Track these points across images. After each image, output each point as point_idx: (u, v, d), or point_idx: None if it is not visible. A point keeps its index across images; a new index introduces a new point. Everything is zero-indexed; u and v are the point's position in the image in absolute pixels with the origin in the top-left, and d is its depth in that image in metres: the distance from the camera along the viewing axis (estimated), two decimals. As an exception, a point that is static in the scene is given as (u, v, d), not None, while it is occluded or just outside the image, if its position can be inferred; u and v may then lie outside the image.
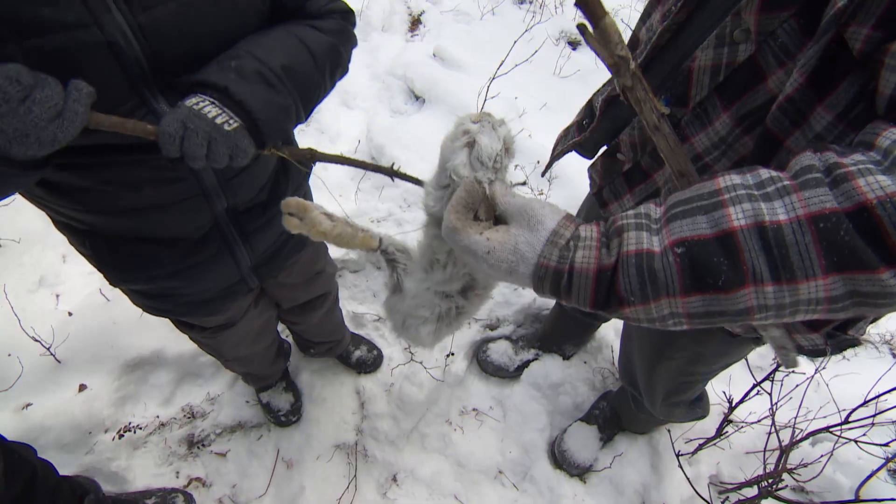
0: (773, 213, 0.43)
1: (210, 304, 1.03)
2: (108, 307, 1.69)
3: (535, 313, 2.00)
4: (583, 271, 0.49)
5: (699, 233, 0.45)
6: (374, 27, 3.36)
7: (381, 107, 2.83)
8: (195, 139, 0.62)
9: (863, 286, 0.42)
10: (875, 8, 0.47)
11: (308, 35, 0.78)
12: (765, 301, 0.44)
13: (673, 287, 0.46)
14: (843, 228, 0.41)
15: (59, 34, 0.57)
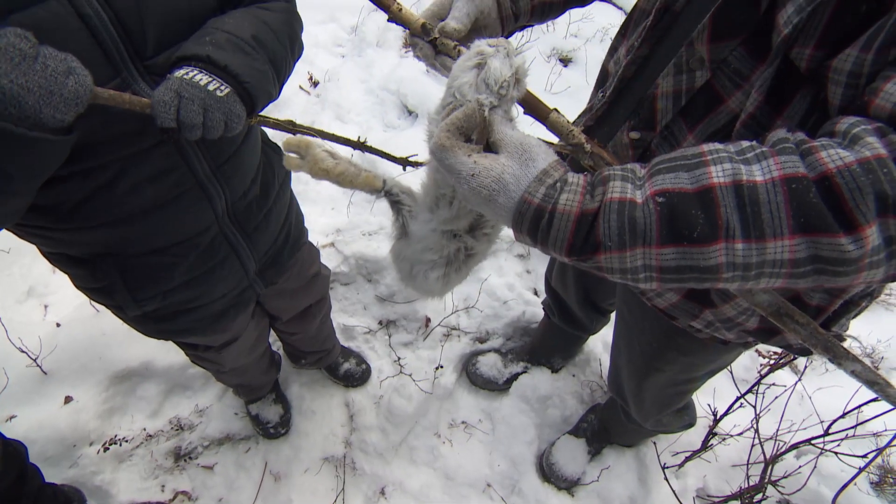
0: (751, 173, 0.46)
1: (223, 317, 1.05)
2: (98, 318, 1.69)
3: (524, 326, 2.02)
4: (565, 213, 0.49)
5: (680, 186, 0.48)
6: (368, 43, 3.41)
7: (375, 121, 2.86)
8: (191, 106, 0.63)
9: (823, 250, 0.44)
10: (814, 31, 0.52)
11: (263, 14, 0.81)
12: (734, 258, 0.46)
13: (650, 236, 0.47)
14: (812, 192, 0.44)
15: (36, 8, 0.58)
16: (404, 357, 1.89)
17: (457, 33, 0.65)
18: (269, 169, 1.02)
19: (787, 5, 0.54)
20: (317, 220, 2.17)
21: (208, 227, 0.90)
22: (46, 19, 0.59)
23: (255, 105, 0.72)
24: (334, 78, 3.04)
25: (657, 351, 1.07)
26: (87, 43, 0.63)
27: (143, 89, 0.70)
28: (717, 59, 0.64)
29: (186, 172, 0.81)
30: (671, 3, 0.70)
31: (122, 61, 0.67)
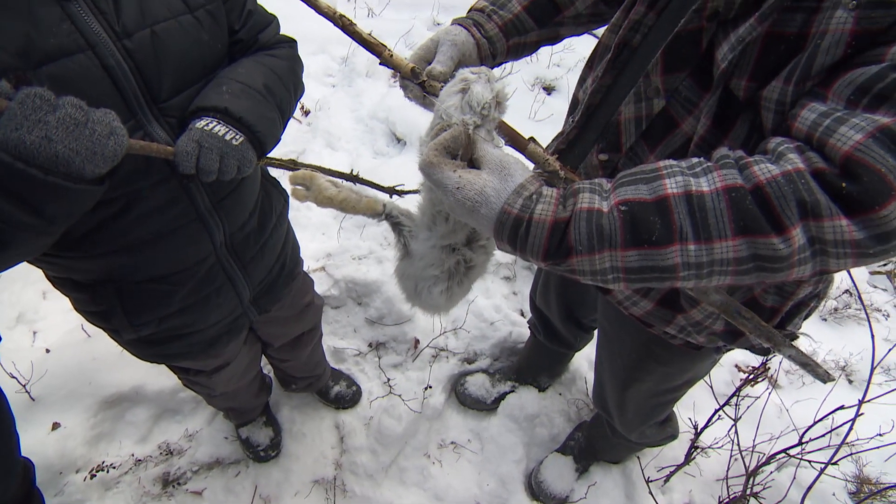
0: (699, 185, 0.54)
1: (216, 343, 1.08)
2: (89, 343, 1.70)
3: (510, 346, 2.06)
4: (540, 221, 0.56)
5: (640, 196, 0.55)
6: (358, 73, 3.52)
7: (365, 148, 2.94)
8: (210, 155, 0.71)
9: (760, 249, 0.51)
10: (746, 66, 0.61)
11: (270, 62, 0.90)
12: (688, 258, 0.53)
13: (615, 240, 0.54)
14: (748, 199, 0.51)
15: (65, 60, 0.65)
16: (394, 378, 1.91)
17: (442, 76, 0.73)
18: (268, 202, 1.07)
19: (723, 44, 0.63)
20: (307, 245, 2.22)
21: (206, 257, 0.94)
22: (75, 70, 0.65)
23: (264, 150, 0.80)
24: (325, 107, 3.13)
25: (636, 362, 1.12)
26: (109, 90, 0.69)
27: (156, 130, 0.76)
28: (670, 89, 0.72)
29: (188, 206, 0.86)
30: (629, 39, 0.78)
31: (139, 105, 0.73)
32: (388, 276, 2.10)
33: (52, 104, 0.56)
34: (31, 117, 0.54)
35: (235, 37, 0.88)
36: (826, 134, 0.51)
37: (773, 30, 0.58)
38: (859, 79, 0.51)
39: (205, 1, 0.80)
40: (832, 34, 0.53)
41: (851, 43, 0.52)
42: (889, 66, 0.49)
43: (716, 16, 0.63)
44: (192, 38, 0.78)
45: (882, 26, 0.50)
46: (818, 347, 2.11)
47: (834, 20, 0.52)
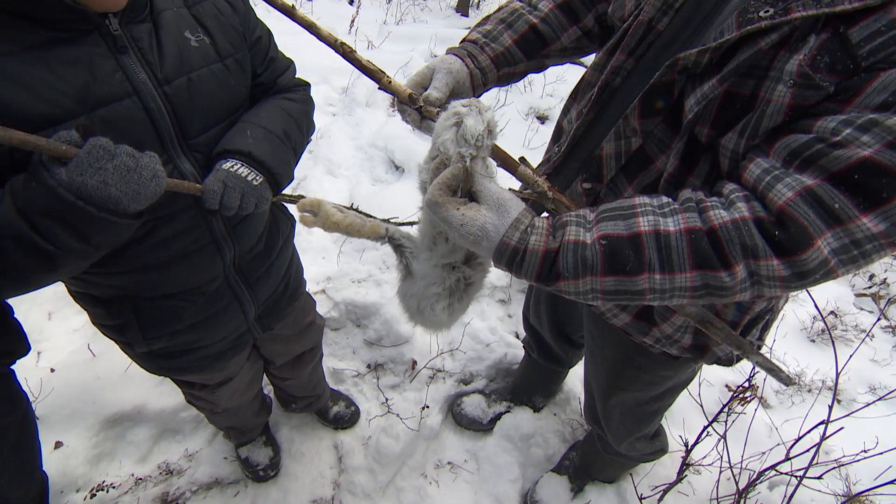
0: (666, 224, 0.64)
1: (221, 357, 1.13)
2: (93, 363, 1.73)
3: (506, 368, 2.10)
4: (534, 251, 0.66)
5: (618, 232, 0.65)
6: (358, 103, 3.65)
7: (364, 175, 3.03)
8: (233, 194, 0.81)
9: (711, 280, 0.63)
10: (708, 117, 0.70)
11: (288, 106, 0.99)
12: (654, 285, 0.64)
13: (596, 269, 0.65)
14: (704, 241, 0.61)
15: (116, 105, 0.73)
16: (392, 399, 1.94)
17: (438, 101, 0.80)
18: (275, 227, 1.14)
19: (690, 97, 0.71)
20: (308, 269, 2.27)
21: (216, 277, 1.00)
22: (121, 113, 0.74)
23: (279, 189, 0.90)
24: (326, 135, 3.23)
25: (619, 369, 1.18)
26: (148, 129, 0.78)
27: (184, 163, 0.84)
28: (646, 130, 0.81)
29: (205, 231, 0.93)
30: (611, 81, 0.87)
31: (171, 142, 0.81)
32: (387, 299, 2.15)
33: (111, 153, 0.64)
34: (94, 165, 0.63)
35: (257, 80, 0.97)
36: (767, 188, 0.61)
37: (731, 90, 0.67)
38: (793, 144, 0.61)
39: (234, 50, 0.89)
40: (775, 104, 0.62)
41: (789, 112, 0.62)
42: (815, 137, 0.59)
43: (685, 70, 0.72)
44: (221, 84, 0.87)
45: (812, 102, 0.60)
46: (806, 367, 2.16)
47: (776, 92, 0.62)
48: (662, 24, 0.80)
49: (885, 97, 0.55)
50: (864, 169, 0.55)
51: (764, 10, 0.62)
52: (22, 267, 0.68)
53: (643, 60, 0.84)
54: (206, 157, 0.87)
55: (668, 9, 0.78)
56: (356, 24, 4.89)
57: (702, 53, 0.68)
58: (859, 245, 0.58)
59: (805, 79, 0.59)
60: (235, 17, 0.90)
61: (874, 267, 2.87)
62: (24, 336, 0.93)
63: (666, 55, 0.76)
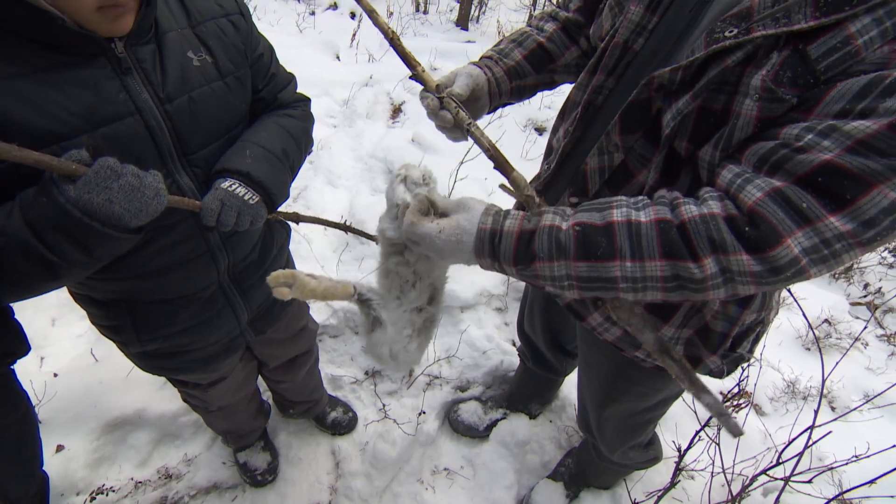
0: (638, 216, 0.68)
1: (213, 360, 1.16)
2: (96, 367, 1.76)
3: (502, 375, 2.12)
4: (510, 231, 0.71)
5: (592, 220, 0.69)
6: (359, 115, 3.71)
7: (363, 186, 3.08)
8: (230, 212, 0.84)
9: (680, 271, 0.65)
10: (686, 131, 0.73)
11: (288, 123, 1.03)
12: (625, 273, 0.67)
13: (569, 252, 0.68)
14: (673, 231, 0.64)
15: (119, 123, 0.77)
16: (389, 405, 1.96)
17: (459, 97, 0.89)
18: (270, 236, 1.17)
19: (667, 113, 0.75)
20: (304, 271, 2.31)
21: (210, 284, 1.04)
22: (123, 131, 0.77)
23: (275, 207, 0.94)
24: (326, 146, 3.29)
25: (612, 382, 1.20)
26: (149, 146, 0.81)
27: (183, 178, 0.87)
28: (627, 146, 0.84)
29: (201, 242, 0.97)
30: (594, 100, 0.92)
31: (171, 158, 0.85)
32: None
33: (117, 173, 0.68)
34: (101, 184, 0.67)
35: (258, 95, 1.01)
36: (738, 190, 0.64)
37: (704, 105, 0.71)
38: (761, 150, 0.64)
39: (235, 68, 0.92)
40: (744, 117, 0.66)
41: (757, 124, 0.65)
42: (780, 143, 0.62)
43: (661, 88, 0.76)
44: (222, 101, 0.90)
45: (778, 114, 0.64)
46: (800, 375, 2.18)
47: (745, 106, 0.66)
48: (638, 44, 0.84)
49: (842, 105, 0.58)
50: (826, 171, 0.58)
51: (729, 30, 0.65)
52: (27, 275, 0.72)
53: (623, 79, 0.88)
54: (205, 172, 0.90)
55: (643, 30, 0.83)
56: (357, 37, 4.97)
57: (674, 71, 0.72)
58: (829, 244, 0.60)
59: (769, 93, 0.62)
60: (238, 35, 0.93)
61: (870, 276, 2.90)
62: (24, 337, 0.97)
63: (644, 73, 0.80)
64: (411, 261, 0.88)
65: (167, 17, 0.84)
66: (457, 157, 2.82)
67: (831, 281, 2.93)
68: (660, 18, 0.82)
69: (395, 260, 0.88)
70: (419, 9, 6.37)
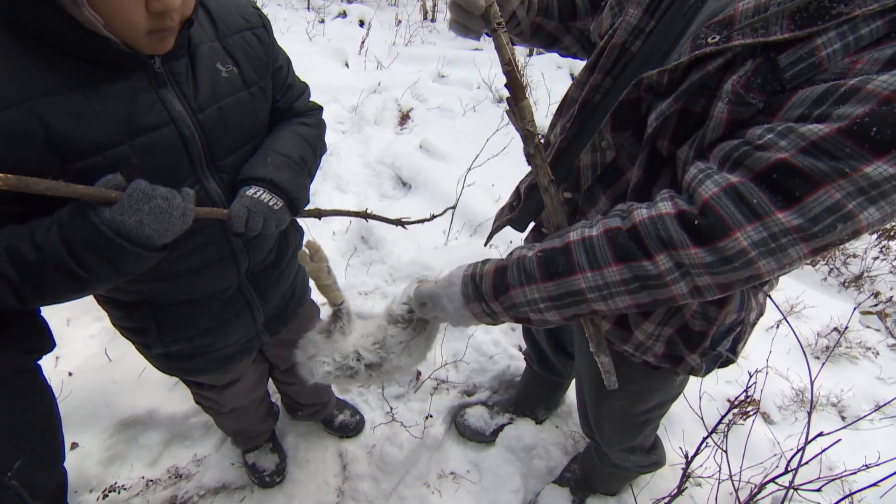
0: (591, 231, 0.74)
1: (230, 360, 1.19)
2: (109, 367, 1.79)
3: (509, 380, 2.13)
4: (487, 271, 0.81)
5: (553, 245, 0.77)
6: (367, 121, 3.75)
7: (372, 191, 3.11)
8: (257, 218, 0.89)
9: (637, 271, 0.69)
10: (667, 131, 0.76)
11: (304, 131, 1.07)
12: (588, 283, 0.72)
13: (535, 275, 0.76)
14: (621, 236, 0.71)
15: (155, 133, 0.80)
16: (396, 408, 1.98)
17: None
18: (285, 240, 1.21)
19: (651, 113, 0.78)
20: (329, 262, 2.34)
21: (230, 286, 1.07)
22: (159, 140, 0.81)
23: (297, 210, 0.99)
24: (336, 152, 3.33)
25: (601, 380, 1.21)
26: (181, 154, 0.85)
27: (210, 183, 0.91)
28: (618, 143, 0.87)
29: (225, 245, 1.00)
30: (590, 98, 0.94)
31: (200, 165, 0.88)
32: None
33: (148, 196, 0.72)
34: (133, 207, 0.71)
35: (276, 105, 1.05)
36: (697, 184, 0.67)
37: (685, 107, 0.73)
38: (726, 148, 0.67)
39: (258, 79, 0.96)
40: (716, 119, 0.69)
41: (727, 126, 0.68)
42: (743, 141, 0.65)
43: (651, 89, 0.78)
44: (247, 110, 0.94)
45: (746, 117, 0.67)
46: (808, 383, 2.16)
47: (717, 108, 0.69)
48: (635, 46, 0.87)
49: (802, 110, 0.61)
50: (780, 169, 0.61)
51: (712, 36, 0.68)
52: (58, 286, 0.75)
53: (620, 80, 0.90)
54: (231, 177, 0.94)
55: (640, 33, 0.86)
56: (366, 45, 5.04)
57: (661, 74, 0.75)
58: (776, 238, 0.62)
59: (738, 97, 0.65)
60: (261, 48, 0.97)
61: (880, 285, 2.88)
62: (49, 333, 1.00)
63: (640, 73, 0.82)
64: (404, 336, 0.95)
65: (198, 30, 0.88)
66: (464, 164, 2.85)
67: (841, 290, 2.91)
68: (657, 22, 0.85)
69: (392, 330, 0.96)
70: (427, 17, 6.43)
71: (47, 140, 0.69)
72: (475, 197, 2.89)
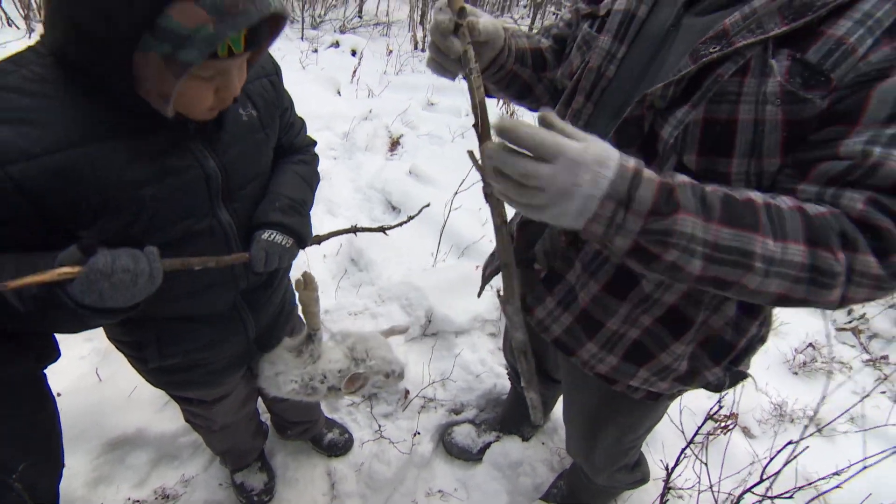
0: (775, 201, 0.65)
1: (223, 373, 1.23)
2: (99, 387, 1.80)
3: (495, 398, 2.17)
4: (650, 178, 0.62)
5: (730, 193, 0.65)
6: (358, 147, 3.85)
7: (362, 215, 3.18)
8: (273, 257, 0.99)
9: (819, 262, 0.62)
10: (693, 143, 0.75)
11: (303, 171, 1.17)
12: (764, 250, 0.62)
13: (715, 212, 0.62)
14: (814, 220, 0.64)
15: (183, 174, 0.87)
16: (385, 426, 2.00)
17: (478, 33, 0.88)
18: None
19: (665, 126, 0.78)
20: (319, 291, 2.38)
21: (228, 303, 1.13)
22: (186, 180, 0.87)
23: (305, 245, 1.09)
24: (327, 177, 3.41)
25: (599, 416, 1.23)
26: (203, 190, 0.91)
27: (222, 214, 0.97)
28: None
29: (228, 269, 1.06)
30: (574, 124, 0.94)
31: (216, 199, 0.95)
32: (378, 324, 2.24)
33: (106, 275, 0.73)
34: (91, 287, 0.72)
35: (279, 142, 1.14)
36: (833, 200, 0.65)
37: (708, 115, 0.72)
38: (831, 172, 0.66)
39: (271, 121, 1.05)
40: (770, 122, 0.68)
41: (785, 127, 0.67)
42: (851, 164, 0.64)
43: (652, 106, 0.79)
44: (260, 149, 1.04)
45: (805, 116, 0.66)
46: (787, 398, 2.23)
47: (768, 113, 0.68)
48: (610, 71, 0.90)
49: (888, 111, 0.62)
50: None
51: (713, 47, 0.71)
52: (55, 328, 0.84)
53: (599, 105, 0.93)
54: (242, 207, 1.02)
55: (613, 58, 0.90)
56: (358, 74, 5.19)
57: (666, 87, 0.76)
58: None
59: (789, 95, 0.66)
60: (274, 93, 1.06)
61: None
62: (56, 344, 1.04)
63: (618, 100, 0.87)
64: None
65: None
66: (452, 188, 2.93)
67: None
68: (627, 48, 0.88)
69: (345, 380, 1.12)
70: (417, 47, 6.64)
71: (94, 179, 0.76)
72: (462, 220, 2.97)
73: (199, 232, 0.94)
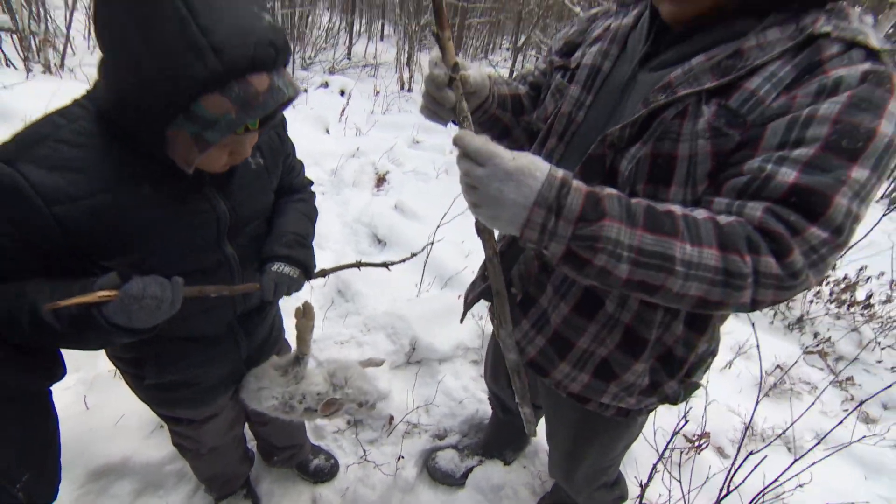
0: (689, 211, 0.76)
1: (213, 391, 1.29)
2: (87, 415, 1.82)
3: (478, 423, 2.22)
4: (578, 188, 0.71)
5: (651, 204, 0.75)
6: (346, 183, 3.99)
7: (349, 249, 3.28)
8: (283, 288, 1.09)
9: (730, 265, 0.70)
10: (642, 174, 0.87)
11: (305, 209, 1.28)
12: (683, 255, 0.70)
13: (638, 219, 0.70)
14: (722, 227, 0.73)
15: (197, 216, 0.98)
16: (370, 452, 2.04)
17: (469, 85, 0.98)
18: None
19: (622, 161, 0.91)
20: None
21: (225, 324, 1.21)
22: (199, 221, 0.98)
23: (310, 276, 1.19)
24: (315, 211, 3.50)
25: (575, 437, 1.31)
26: (212, 228, 1.02)
27: (227, 248, 1.07)
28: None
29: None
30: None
31: (223, 235, 1.05)
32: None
33: (138, 299, 0.84)
34: (124, 309, 0.84)
35: (280, 184, 1.25)
36: (738, 211, 0.75)
37: (654, 151, 0.85)
38: (737, 185, 0.76)
39: (274, 167, 1.17)
40: (701, 154, 0.80)
41: (714, 158, 0.80)
42: (750, 178, 0.75)
43: (612, 145, 0.93)
44: (265, 192, 1.15)
45: (727, 148, 0.78)
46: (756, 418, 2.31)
47: (699, 146, 0.80)
48: (580, 117, 1.03)
49: (778, 139, 0.74)
50: (795, 192, 0.70)
51: (660, 95, 0.86)
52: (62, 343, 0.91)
53: (570, 147, 1.06)
54: (247, 240, 1.11)
55: (581, 105, 1.03)
56: (346, 113, 5.39)
57: (623, 128, 0.90)
58: (816, 250, 0.70)
59: (715, 131, 0.79)
60: (279, 142, 1.17)
61: (819, 326, 3.11)
62: (62, 362, 1.09)
63: (588, 141, 0.99)
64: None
65: None
66: (436, 221, 3.06)
67: (787, 332, 3.13)
68: (594, 97, 1.02)
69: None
70: (404, 87, 6.92)
71: (122, 218, 0.87)
72: (445, 252, 3.09)
73: (206, 264, 1.04)
